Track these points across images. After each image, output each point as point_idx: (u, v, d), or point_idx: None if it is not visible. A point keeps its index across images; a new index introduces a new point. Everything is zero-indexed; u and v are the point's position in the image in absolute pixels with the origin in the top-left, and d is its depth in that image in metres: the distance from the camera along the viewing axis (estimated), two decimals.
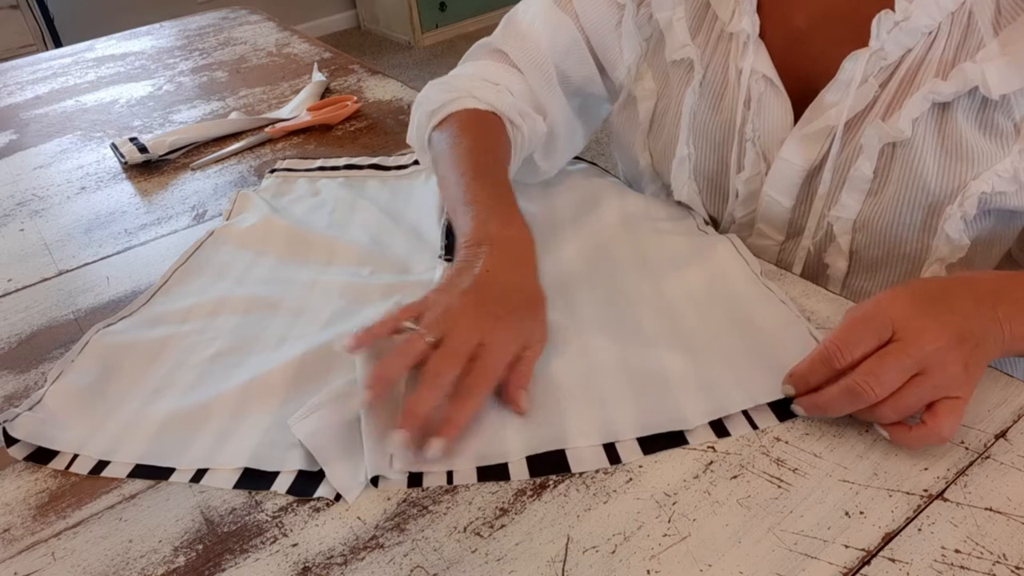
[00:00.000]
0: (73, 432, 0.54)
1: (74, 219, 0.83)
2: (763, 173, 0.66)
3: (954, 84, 0.54)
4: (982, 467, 0.45)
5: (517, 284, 0.56)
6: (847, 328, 0.47)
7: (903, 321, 0.45)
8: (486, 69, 0.74)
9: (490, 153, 0.67)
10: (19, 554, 0.46)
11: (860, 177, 0.60)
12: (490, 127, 0.69)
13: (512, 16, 0.76)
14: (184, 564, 0.45)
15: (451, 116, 0.70)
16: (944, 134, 0.57)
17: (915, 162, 0.58)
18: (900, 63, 0.57)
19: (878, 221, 0.61)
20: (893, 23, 0.55)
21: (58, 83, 1.22)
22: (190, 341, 0.62)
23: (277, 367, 0.57)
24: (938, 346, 0.44)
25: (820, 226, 0.64)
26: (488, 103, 0.70)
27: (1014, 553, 0.41)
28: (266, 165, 0.90)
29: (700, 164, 0.70)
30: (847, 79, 0.58)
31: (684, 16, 0.67)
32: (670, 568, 0.42)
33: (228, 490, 0.49)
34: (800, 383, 0.48)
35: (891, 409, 0.45)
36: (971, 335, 0.45)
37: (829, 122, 0.60)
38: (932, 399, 0.45)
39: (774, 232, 0.68)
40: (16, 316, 0.68)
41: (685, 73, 0.68)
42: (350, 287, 0.65)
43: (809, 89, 0.62)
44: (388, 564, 0.44)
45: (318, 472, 0.49)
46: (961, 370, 0.45)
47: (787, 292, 0.61)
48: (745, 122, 0.65)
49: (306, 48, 1.28)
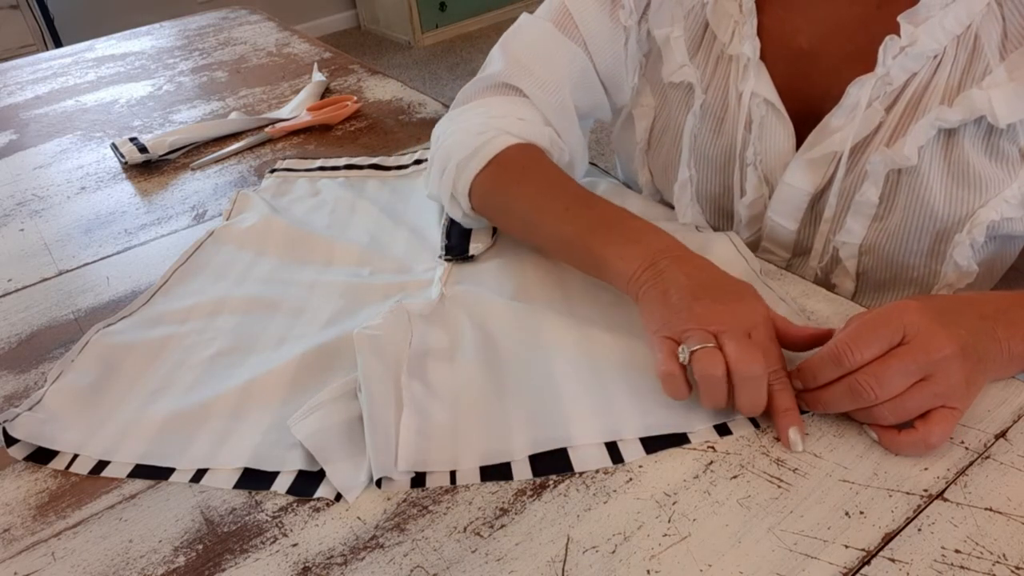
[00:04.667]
0: (73, 432, 0.54)
1: (74, 219, 0.83)
2: (766, 197, 0.66)
3: (960, 112, 0.54)
4: (982, 467, 0.45)
5: (717, 275, 0.53)
6: (859, 329, 0.46)
7: (915, 326, 0.45)
8: (501, 105, 0.68)
9: (566, 177, 0.62)
10: (19, 554, 0.46)
11: (866, 203, 0.59)
12: (539, 153, 0.65)
13: (508, 47, 0.71)
14: (184, 564, 0.45)
15: (496, 158, 0.63)
16: (951, 161, 0.56)
17: (922, 189, 0.57)
18: (905, 87, 0.57)
19: (885, 246, 0.60)
20: (899, 48, 0.55)
21: (58, 83, 1.22)
22: (190, 341, 0.62)
23: (277, 367, 0.57)
24: (945, 354, 0.44)
25: (826, 250, 0.64)
26: (524, 137, 0.65)
27: (1014, 553, 0.41)
28: (266, 165, 0.90)
29: (702, 187, 0.69)
30: (852, 104, 0.58)
31: (682, 35, 0.66)
32: (670, 568, 0.42)
33: (228, 490, 0.49)
34: (808, 379, 0.48)
35: (890, 411, 0.45)
36: (975, 350, 0.46)
37: (834, 147, 0.59)
38: (931, 406, 0.45)
39: (781, 250, 0.68)
40: (16, 316, 0.68)
41: (684, 95, 0.68)
42: (350, 287, 0.65)
43: (811, 111, 0.61)
44: (388, 564, 0.44)
45: (318, 472, 0.49)
46: (962, 381, 0.45)
47: (787, 292, 0.61)
48: (746, 146, 0.64)
49: (306, 48, 1.28)
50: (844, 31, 0.60)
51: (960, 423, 0.48)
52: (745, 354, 0.46)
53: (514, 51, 0.70)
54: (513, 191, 0.62)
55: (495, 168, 0.63)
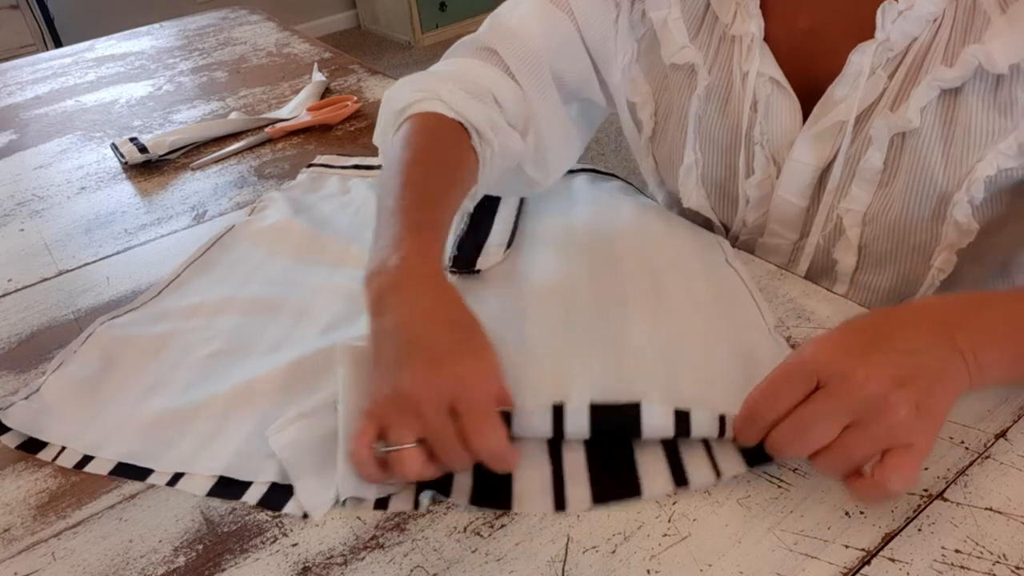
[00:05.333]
0: (64, 424, 0.54)
1: (74, 219, 0.83)
2: (773, 177, 0.65)
3: (959, 69, 0.54)
4: (982, 467, 0.45)
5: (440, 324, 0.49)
6: (769, 383, 0.44)
7: (829, 367, 0.41)
8: (471, 69, 0.68)
9: (440, 174, 0.59)
10: (19, 554, 0.46)
11: (870, 168, 0.59)
12: (451, 139, 0.62)
13: (497, 15, 0.71)
14: (184, 564, 0.45)
15: (411, 119, 0.62)
16: (950, 120, 0.56)
17: (922, 151, 0.57)
18: (907, 52, 0.56)
19: (888, 213, 0.60)
20: (897, 12, 0.55)
21: (58, 83, 1.22)
22: (190, 339, 0.62)
23: (267, 373, 0.56)
24: (871, 391, 0.40)
25: (830, 219, 0.64)
26: (456, 111, 0.62)
27: (1014, 553, 0.41)
28: (266, 165, 0.90)
29: (708, 170, 0.69)
30: (855, 72, 0.58)
31: (680, 16, 0.66)
32: (670, 568, 0.42)
33: None
34: (742, 439, 0.46)
35: (831, 462, 0.42)
36: (919, 373, 0.41)
37: (839, 117, 0.59)
38: (879, 449, 0.40)
39: (788, 231, 0.67)
40: (16, 316, 0.68)
41: (687, 77, 0.67)
42: (353, 293, 0.64)
43: (815, 88, 0.61)
44: (388, 564, 0.44)
45: (291, 486, 0.48)
46: (910, 414, 0.40)
47: (787, 292, 0.61)
48: (753, 126, 0.64)
49: (306, 48, 1.28)
50: (844, 8, 0.60)
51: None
52: (445, 448, 0.44)
53: (502, 17, 0.70)
54: (400, 151, 0.60)
55: (408, 125, 0.62)
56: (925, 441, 0.41)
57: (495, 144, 0.63)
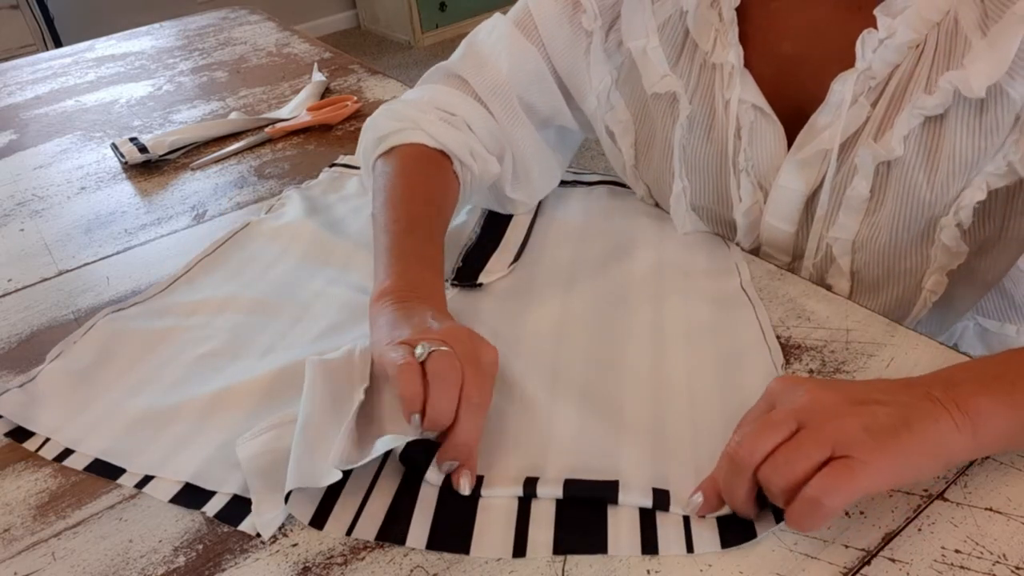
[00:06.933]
0: (52, 415, 0.55)
1: (74, 219, 0.83)
2: (761, 202, 0.65)
3: (938, 97, 0.53)
4: (982, 467, 0.45)
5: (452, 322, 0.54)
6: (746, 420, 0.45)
7: (782, 394, 0.44)
8: (443, 96, 0.70)
9: (429, 204, 0.64)
10: (19, 554, 0.46)
11: (857, 197, 0.59)
12: (435, 169, 0.66)
13: (473, 40, 0.72)
14: (184, 564, 0.45)
15: (396, 150, 0.66)
16: (934, 148, 0.55)
17: (907, 178, 0.57)
18: (889, 80, 0.56)
19: (877, 240, 0.60)
20: (878, 41, 0.55)
21: (58, 83, 1.22)
22: (188, 336, 0.62)
23: (249, 380, 0.56)
24: (815, 396, 0.41)
25: (819, 248, 0.64)
26: (437, 140, 0.65)
27: (1014, 553, 0.41)
28: (266, 165, 0.90)
29: (697, 197, 0.69)
30: (837, 101, 0.58)
31: (659, 45, 0.65)
32: (670, 568, 0.42)
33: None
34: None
35: (770, 471, 0.40)
36: (877, 403, 0.41)
37: (823, 145, 0.59)
38: (820, 453, 0.39)
39: (781, 254, 0.67)
40: (16, 316, 0.68)
41: (669, 106, 0.67)
42: (351, 303, 0.64)
43: (799, 114, 0.61)
44: (388, 564, 0.44)
45: (251, 500, 0.47)
46: (856, 426, 0.39)
47: (787, 292, 0.61)
48: (737, 152, 0.64)
49: (306, 48, 1.28)
50: (827, 34, 0.60)
51: (853, 492, 0.39)
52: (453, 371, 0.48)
53: (475, 45, 0.72)
54: (383, 188, 0.65)
55: (390, 158, 0.67)
56: (870, 460, 0.38)
57: (475, 168, 0.67)
